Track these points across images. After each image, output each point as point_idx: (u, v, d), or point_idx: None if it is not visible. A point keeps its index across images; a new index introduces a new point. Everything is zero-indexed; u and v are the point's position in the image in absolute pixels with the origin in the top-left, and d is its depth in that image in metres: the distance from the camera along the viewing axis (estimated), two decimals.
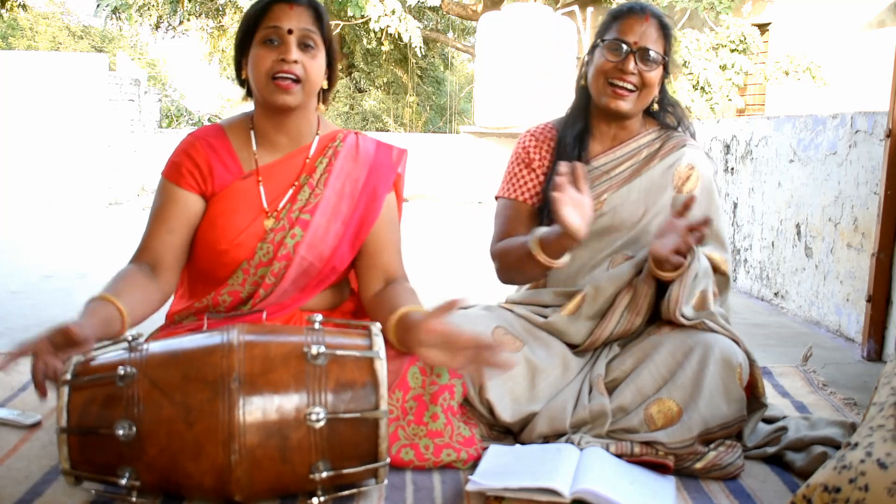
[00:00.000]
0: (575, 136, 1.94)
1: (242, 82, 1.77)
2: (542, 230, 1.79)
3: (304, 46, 1.67)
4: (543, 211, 1.95)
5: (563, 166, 1.68)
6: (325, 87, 1.77)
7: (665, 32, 1.88)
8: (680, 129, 2.01)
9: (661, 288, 1.81)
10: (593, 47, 1.93)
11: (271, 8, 1.67)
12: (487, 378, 1.74)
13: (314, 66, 1.69)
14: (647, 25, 1.85)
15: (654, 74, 1.87)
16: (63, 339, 1.39)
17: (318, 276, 1.76)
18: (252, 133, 1.78)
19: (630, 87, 1.85)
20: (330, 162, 1.78)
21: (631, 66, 1.84)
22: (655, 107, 1.97)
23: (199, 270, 1.78)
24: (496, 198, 2.05)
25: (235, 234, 1.71)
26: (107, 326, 1.49)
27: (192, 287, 1.81)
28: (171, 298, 1.82)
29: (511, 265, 1.89)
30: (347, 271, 1.85)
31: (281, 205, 1.74)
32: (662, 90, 1.95)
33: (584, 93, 1.97)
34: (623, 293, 1.83)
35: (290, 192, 1.75)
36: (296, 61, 1.65)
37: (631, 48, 1.84)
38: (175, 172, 1.74)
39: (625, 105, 1.87)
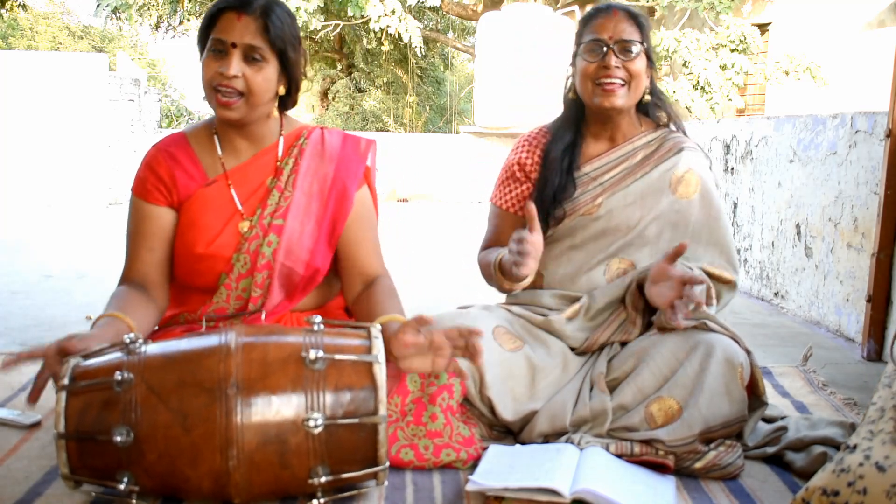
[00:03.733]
0: (563, 148, 1.95)
1: None
2: (506, 255, 1.83)
3: (249, 59, 1.63)
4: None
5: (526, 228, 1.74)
6: (283, 92, 1.72)
7: (637, 22, 1.89)
8: (671, 125, 2.01)
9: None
10: (574, 57, 1.93)
11: (221, 16, 1.63)
12: (495, 374, 1.76)
13: (259, 78, 1.63)
14: (618, 19, 1.87)
15: (639, 65, 1.87)
16: (74, 352, 1.40)
17: (303, 280, 1.74)
18: (216, 138, 1.75)
19: (619, 81, 1.86)
20: (296, 162, 1.74)
21: (613, 61, 1.84)
22: (648, 98, 1.96)
23: (180, 280, 1.77)
24: (489, 200, 2.07)
25: (210, 240, 1.69)
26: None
27: (179, 297, 1.80)
28: None
29: (485, 276, 1.99)
30: (332, 269, 1.82)
31: (254, 208, 1.72)
32: (651, 81, 1.95)
33: (573, 105, 1.98)
34: (619, 310, 1.86)
35: (260, 195, 1.73)
36: (236, 76, 1.61)
37: (608, 44, 1.85)
38: (141, 188, 1.73)
39: (618, 100, 1.87)
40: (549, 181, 1.93)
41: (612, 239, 1.91)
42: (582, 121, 1.98)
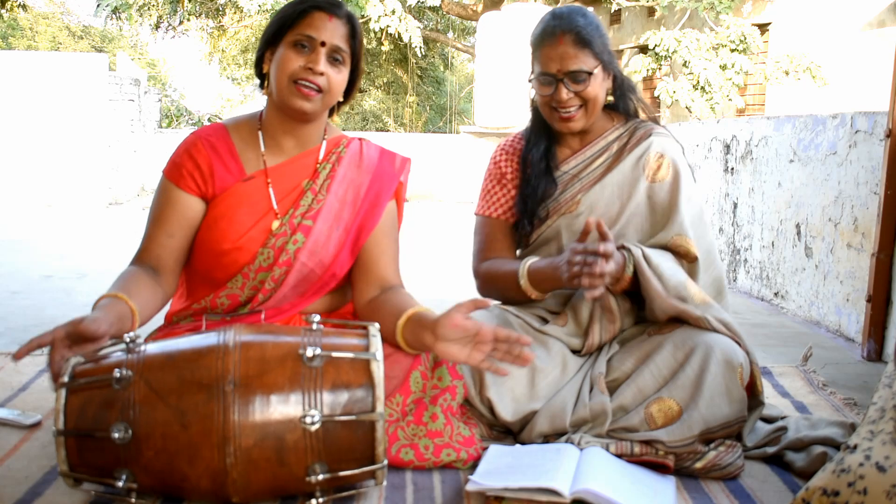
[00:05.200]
0: (541, 154, 1.94)
1: (262, 75, 1.76)
2: (534, 264, 1.82)
3: (332, 60, 1.67)
4: (517, 225, 1.96)
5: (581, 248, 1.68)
6: (341, 100, 1.77)
7: (586, 40, 1.81)
8: (642, 114, 1.99)
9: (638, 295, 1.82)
10: (531, 71, 1.90)
11: (310, 14, 1.67)
12: (495, 375, 1.75)
13: (338, 80, 1.69)
14: (565, 47, 1.81)
15: (593, 86, 1.83)
16: (79, 334, 1.40)
17: (319, 283, 1.76)
18: (260, 133, 1.77)
19: (574, 108, 1.85)
20: (333, 168, 1.77)
21: (564, 94, 1.82)
22: (611, 98, 1.95)
23: (197, 272, 1.77)
24: (475, 214, 2.06)
25: (239, 236, 1.70)
26: (121, 324, 1.49)
27: (191, 288, 1.81)
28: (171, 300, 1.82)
29: (495, 286, 1.94)
30: (348, 276, 1.84)
31: (287, 208, 1.73)
32: (615, 78, 1.92)
33: (539, 113, 1.96)
34: (596, 308, 1.85)
35: (295, 195, 1.74)
36: (322, 73, 1.65)
37: (556, 77, 1.82)
38: (176, 173, 1.73)
39: (576, 125, 1.87)
40: (530, 184, 1.93)
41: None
42: (550, 127, 1.96)
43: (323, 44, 1.66)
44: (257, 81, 1.79)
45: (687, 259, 1.86)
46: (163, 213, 1.72)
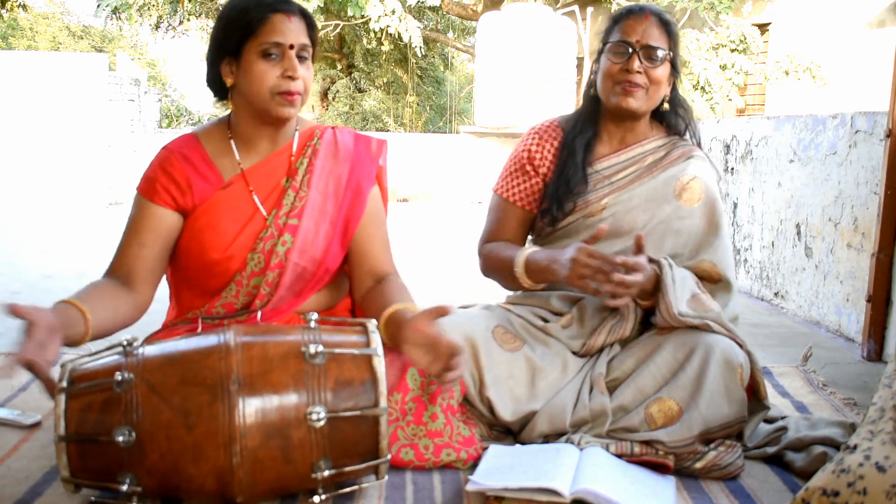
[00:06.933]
0: (585, 143, 1.93)
1: (219, 84, 1.70)
2: (533, 254, 1.83)
3: (300, 58, 1.64)
4: (544, 212, 1.95)
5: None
6: None
7: (667, 29, 1.87)
8: (686, 134, 2.00)
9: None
10: (599, 53, 1.92)
11: (269, 18, 1.61)
12: (494, 374, 1.76)
13: (309, 76, 1.66)
14: (648, 24, 1.85)
15: (661, 72, 1.86)
16: (38, 332, 1.36)
17: (313, 280, 1.74)
18: (232, 142, 1.73)
19: (639, 84, 1.84)
20: (311, 161, 1.74)
21: (636, 64, 1.83)
22: (666, 106, 1.96)
23: (187, 283, 1.75)
24: (492, 190, 2.05)
25: (227, 244, 1.68)
26: (70, 326, 1.45)
27: (182, 299, 1.78)
28: (167, 307, 1.81)
29: (493, 270, 1.97)
30: (341, 270, 1.83)
31: (270, 208, 1.71)
32: (673, 89, 1.94)
33: (592, 101, 1.96)
34: (609, 313, 1.85)
35: (276, 195, 1.72)
36: (300, 77, 1.63)
37: (634, 47, 1.83)
38: (150, 189, 1.69)
39: (635, 102, 1.85)
40: (565, 173, 1.92)
41: (615, 241, 1.90)
42: (597, 118, 1.97)
43: (291, 46, 1.62)
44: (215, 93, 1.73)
45: (710, 280, 1.87)
46: (137, 226, 1.69)
